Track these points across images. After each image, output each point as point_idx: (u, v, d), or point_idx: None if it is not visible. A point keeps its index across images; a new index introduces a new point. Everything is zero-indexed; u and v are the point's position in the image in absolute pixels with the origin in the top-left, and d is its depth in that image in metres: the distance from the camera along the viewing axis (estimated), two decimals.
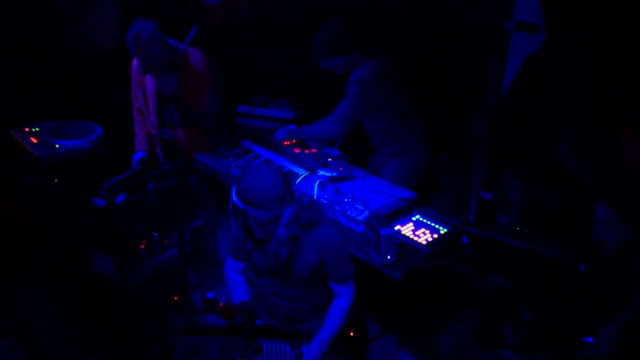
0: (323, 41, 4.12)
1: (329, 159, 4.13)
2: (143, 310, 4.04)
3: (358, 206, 3.59)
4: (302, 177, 3.98)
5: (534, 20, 3.12)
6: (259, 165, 3.06)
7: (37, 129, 4.98)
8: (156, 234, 4.28)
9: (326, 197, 3.73)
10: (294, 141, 4.43)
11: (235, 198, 2.97)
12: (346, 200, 3.66)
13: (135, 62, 4.48)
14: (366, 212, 3.52)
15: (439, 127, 4.46)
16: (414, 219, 3.60)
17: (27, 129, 4.98)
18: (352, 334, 3.43)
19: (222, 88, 4.56)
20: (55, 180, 4.67)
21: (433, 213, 3.67)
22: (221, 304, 3.02)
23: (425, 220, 3.58)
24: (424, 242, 3.36)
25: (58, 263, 3.79)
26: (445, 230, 3.48)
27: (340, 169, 4.04)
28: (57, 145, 4.72)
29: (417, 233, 3.44)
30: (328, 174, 3.96)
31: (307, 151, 4.34)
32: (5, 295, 3.56)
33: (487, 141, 3.55)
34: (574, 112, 2.91)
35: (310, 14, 5.07)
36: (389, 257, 3.18)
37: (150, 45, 4.14)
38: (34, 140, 4.81)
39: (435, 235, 3.43)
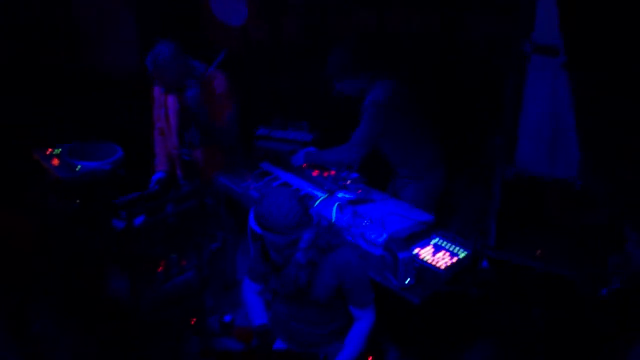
0: (336, 62, 4.12)
1: (348, 182, 4.11)
2: (159, 332, 4.03)
3: (376, 229, 3.57)
4: (320, 199, 3.97)
5: (554, 42, 3.10)
6: (276, 190, 3.06)
7: (59, 150, 5.03)
8: (174, 255, 4.28)
9: (344, 219, 3.71)
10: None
11: (253, 223, 2.97)
12: (364, 222, 3.64)
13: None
14: (385, 235, 3.49)
15: (457, 149, 4.44)
16: (432, 242, 3.57)
17: (48, 151, 5.03)
18: (370, 359, 3.39)
19: (241, 110, 4.58)
20: (77, 201, 4.70)
21: (452, 236, 3.63)
22: (238, 328, 3.02)
23: (444, 244, 3.55)
24: (443, 266, 3.33)
25: (76, 284, 3.81)
26: (465, 253, 3.45)
27: (359, 191, 4.02)
28: (78, 167, 4.76)
29: (436, 256, 3.41)
30: (347, 197, 3.95)
31: (325, 173, 4.34)
32: (23, 315, 3.58)
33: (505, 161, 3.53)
34: (597, 134, 2.89)
35: (327, 37, 5.10)
36: (407, 280, 3.15)
37: (168, 66, 4.18)
38: (55, 162, 4.86)
39: (455, 259, 3.39)
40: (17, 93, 5.48)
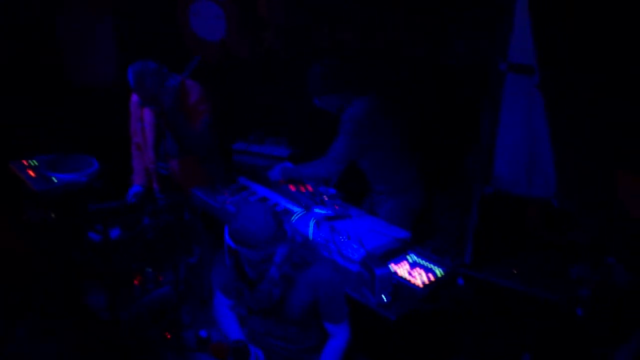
0: (316, 79, 4.13)
1: (325, 197, 4.13)
2: (135, 347, 3.99)
3: (354, 245, 3.58)
4: (298, 215, 3.97)
5: (529, 62, 3.14)
6: (250, 205, 3.07)
7: (35, 162, 4.99)
8: (150, 269, 4.25)
9: (322, 235, 3.72)
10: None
11: (227, 238, 2.96)
12: (342, 238, 3.65)
13: (134, 96, 4.55)
14: (362, 251, 3.50)
15: (435, 167, 4.47)
16: (409, 259, 3.58)
17: (25, 162, 4.99)
18: None
19: (220, 124, 4.58)
20: (52, 214, 4.66)
21: (428, 253, 3.65)
22: (214, 343, 3.00)
23: (421, 261, 3.56)
24: (420, 283, 3.34)
25: (55, 297, 3.77)
26: (441, 271, 3.47)
27: (336, 207, 4.04)
28: (54, 179, 4.73)
29: (412, 273, 3.42)
30: (324, 212, 3.96)
31: (303, 189, 4.35)
32: (1, 329, 3.53)
33: (482, 180, 3.56)
34: (571, 154, 2.93)
35: (308, 52, 5.12)
36: (384, 297, 3.16)
37: (149, 80, 4.22)
38: (32, 174, 4.82)
39: (431, 276, 3.41)
40: None
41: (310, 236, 3.72)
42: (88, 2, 5.96)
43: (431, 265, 3.51)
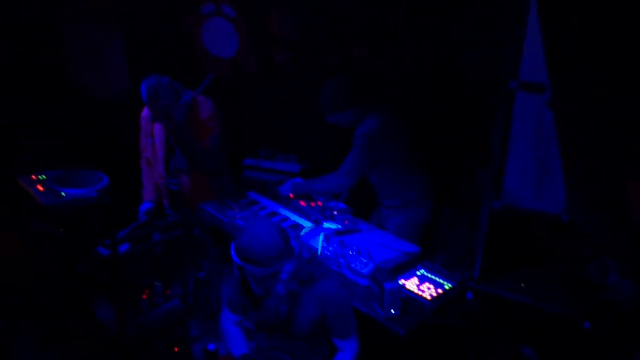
0: (328, 96, 4.16)
1: (335, 212, 4.13)
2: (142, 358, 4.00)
3: (363, 259, 3.58)
4: (307, 229, 3.99)
5: (540, 80, 3.16)
6: (257, 222, 3.04)
7: (44, 176, 5.00)
8: (159, 284, 4.26)
9: (331, 249, 3.73)
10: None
11: (233, 255, 2.97)
12: (351, 253, 3.65)
13: (145, 111, 4.57)
14: (371, 266, 3.50)
15: (445, 182, 4.49)
16: (418, 273, 3.59)
17: (33, 177, 5.00)
18: None
19: (230, 139, 4.61)
20: (61, 229, 4.67)
21: (438, 268, 3.65)
22: (222, 357, 3.00)
23: (430, 275, 3.57)
24: (429, 297, 3.34)
25: (61, 308, 3.77)
26: (450, 285, 3.47)
27: (346, 222, 4.04)
28: (63, 194, 4.73)
29: (421, 288, 3.42)
30: (333, 227, 3.96)
31: (312, 204, 4.36)
32: (4, 335, 3.53)
33: (491, 197, 3.57)
34: (581, 167, 2.94)
35: (318, 68, 5.16)
36: (393, 311, 3.16)
37: (162, 95, 4.24)
38: (40, 189, 4.82)
39: (440, 291, 3.41)
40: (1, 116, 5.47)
41: (320, 250, 3.73)
42: (97, 16, 6.01)
43: (440, 280, 3.51)
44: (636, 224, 2.64)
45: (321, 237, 3.82)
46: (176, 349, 4.09)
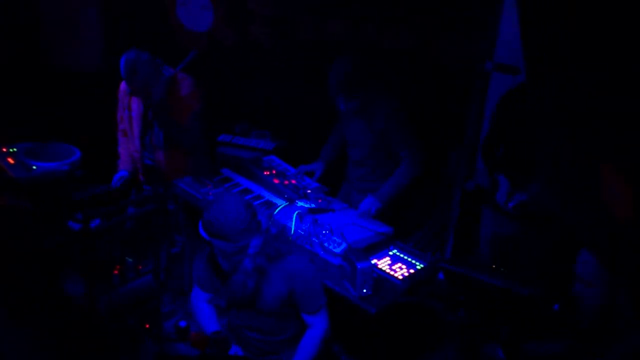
0: (344, 78, 3.94)
1: (308, 191, 4.13)
2: (114, 336, 3.98)
3: (336, 238, 3.59)
4: (280, 207, 3.98)
5: (514, 62, 3.16)
6: (224, 197, 3.03)
7: (15, 149, 4.93)
8: (130, 259, 4.23)
9: (304, 228, 3.73)
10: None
11: (201, 230, 2.96)
12: (324, 232, 3.66)
13: (123, 84, 4.50)
14: (344, 245, 3.52)
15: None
16: (390, 253, 3.61)
17: (4, 149, 4.93)
18: None
19: (206, 115, 4.57)
20: (31, 202, 4.62)
21: (410, 248, 3.68)
22: (194, 333, 2.99)
23: (402, 255, 3.59)
24: (400, 277, 3.36)
25: (30, 286, 3.72)
26: (422, 265, 3.49)
27: (319, 200, 4.05)
28: (34, 167, 4.67)
29: (393, 267, 3.44)
30: (307, 205, 3.96)
31: (286, 182, 4.34)
32: None
33: (465, 178, 3.58)
34: (552, 150, 2.94)
35: (295, 44, 5.11)
36: (365, 290, 3.17)
37: (140, 70, 4.17)
38: (11, 161, 4.76)
39: (412, 271, 3.43)
40: None
41: (293, 229, 3.73)
42: None
43: (412, 260, 3.54)
44: (610, 210, 2.66)
45: (294, 216, 3.81)
46: (147, 325, 4.07)
